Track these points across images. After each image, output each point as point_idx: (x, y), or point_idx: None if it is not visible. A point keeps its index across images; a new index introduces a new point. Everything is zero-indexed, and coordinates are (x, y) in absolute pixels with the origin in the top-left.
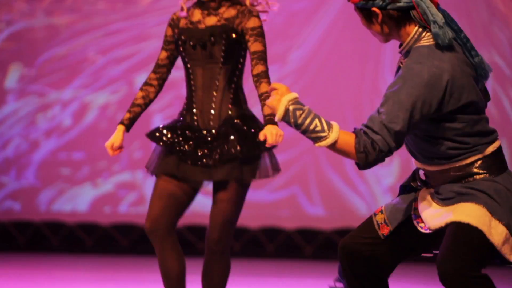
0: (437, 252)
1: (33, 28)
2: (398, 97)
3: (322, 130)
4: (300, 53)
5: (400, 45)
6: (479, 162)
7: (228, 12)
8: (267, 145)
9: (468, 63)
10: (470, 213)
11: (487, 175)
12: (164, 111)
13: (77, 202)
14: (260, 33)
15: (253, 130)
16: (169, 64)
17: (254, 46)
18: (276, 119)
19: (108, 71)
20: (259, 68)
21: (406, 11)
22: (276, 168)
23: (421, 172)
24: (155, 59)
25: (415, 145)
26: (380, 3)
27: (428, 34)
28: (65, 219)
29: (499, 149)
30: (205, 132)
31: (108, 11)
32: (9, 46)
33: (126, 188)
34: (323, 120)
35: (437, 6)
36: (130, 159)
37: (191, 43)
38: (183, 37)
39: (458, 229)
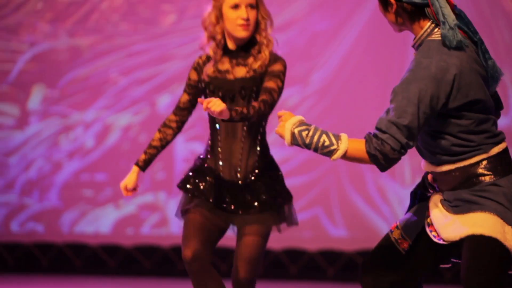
0: (455, 260)
1: (56, 50)
2: (407, 92)
3: (331, 144)
4: (322, 74)
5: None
6: (484, 163)
7: (256, 62)
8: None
9: (479, 63)
10: (482, 223)
11: (493, 176)
12: (187, 132)
13: (100, 223)
14: (277, 75)
15: (276, 189)
16: (191, 107)
17: (266, 83)
18: (287, 144)
19: (131, 92)
20: (262, 97)
21: (421, 7)
22: (294, 222)
23: (430, 176)
24: (177, 80)
25: (421, 139)
26: None
27: (439, 29)
28: (87, 241)
29: (505, 151)
30: (232, 183)
31: (130, 32)
32: (32, 68)
33: (148, 210)
34: (330, 134)
35: (453, 7)
36: (152, 181)
37: (220, 93)
38: (211, 87)
39: (473, 242)
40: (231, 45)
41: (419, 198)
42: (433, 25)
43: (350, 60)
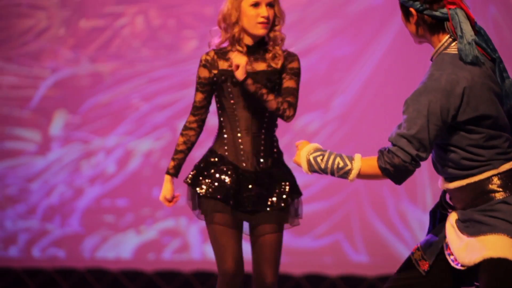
0: (477, 284)
1: (78, 75)
2: (418, 104)
3: (345, 165)
4: (343, 99)
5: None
6: (494, 179)
7: (273, 58)
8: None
9: (494, 80)
10: (492, 246)
11: (503, 193)
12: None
13: (121, 249)
14: (297, 73)
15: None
16: (207, 104)
17: (287, 82)
18: (305, 172)
19: (152, 117)
20: (286, 97)
21: (441, 20)
22: (301, 216)
23: (447, 196)
24: None
25: (434, 152)
26: (418, 5)
27: (456, 44)
28: (109, 266)
29: None
30: (253, 175)
31: (151, 58)
32: (54, 94)
33: (169, 235)
34: (344, 156)
35: (474, 23)
36: (173, 206)
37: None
38: (233, 80)
39: (487, 266)
40: (247, 40)
41: (439, 218)
42: (450, 39)
43: (371, 85)
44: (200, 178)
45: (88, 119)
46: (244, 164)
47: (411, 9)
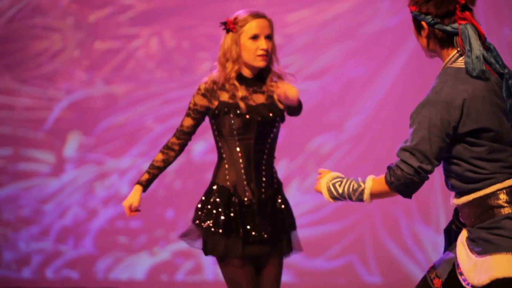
0: None
1: (92, 97)
2: (420, 117)
3: (359, 186)
4: (356, 120)
5: None
6: (500, 194)
7: (271, 88)
8: (288, 101)
9: (499, 95)
10: (498, 265)
11: (509, 209)
12: None
13: (134, 270)
14: (299, 106)
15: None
16: (193, 131)
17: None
18: (327, 199)
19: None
20: None
21: (451, 35)
22: (300, 248)
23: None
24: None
25: (441, 165)
26: (430, 20)
27: (463, 58)
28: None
29: None
30: (255, 206)
31: (165, 80)
32: (68, 115)
33: (183, 257)
34: (358, 179)
35: (484, 39)
36: (186, 228)
37: (248, 117)
38: (237, 111)
39: (496, 287)
40: (246, 73)
41: (454, 236)
42: (458, 53)
43: (385, 107)
44: (208, 214)
45: (102, 141)
46: (247, 194)
47: (423, 23)
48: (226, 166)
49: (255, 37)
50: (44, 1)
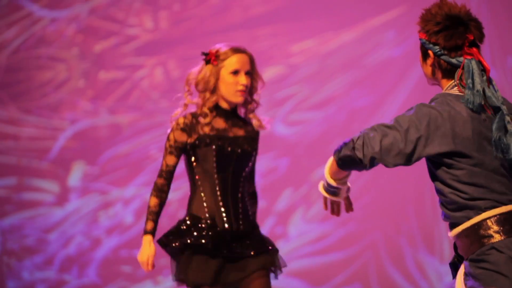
0: None
1: (97, 127)
2: (399, 117)
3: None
4: None
5: None
6: (486, 224)
7: (248, 125)
8: None
9: (487, 126)
10: None
11: (494, 238)
12: None
13: None
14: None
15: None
16: (175, 169)
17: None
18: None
19: None
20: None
21: (455, 67)
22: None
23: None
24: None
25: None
26: (437, 50)
27: (458, 88)
28: None
29: (509, 214)
30: (234, 235)
31: (170, 109)
32: (73, 145)
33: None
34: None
35: (488, 74)
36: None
37: (229, 149)
38: (218, 143)
39: None
40: (224, 105)
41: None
42: (454, 83)
43: None
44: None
45: (107, 170)
46: (226, 226)
47: (430, 52)
48: (203, 197)
49: (235, 72)
50: (49, 32)
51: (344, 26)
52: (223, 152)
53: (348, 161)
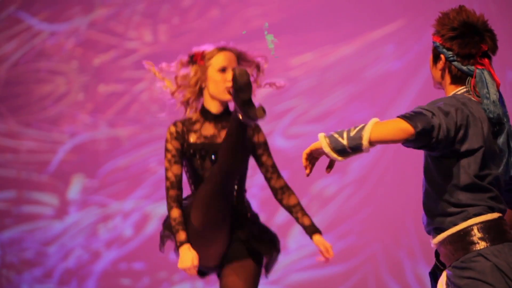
0: None
1: (96, 140)
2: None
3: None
4: (360, 163)
5: None
6: (472, 230)
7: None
8: (324, 260)
9: (491, 139)
10: None
11: (479, 245)
12: None
13: None
14: (268, 147)
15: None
16: (183, 176)
17: (268, 160)
18: (326, 150)
19: None
20: (281, 181)
21: (465, 74)
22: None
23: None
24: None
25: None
26: (449, 55)
27: (468, 94)
28: None
29: (497, 220)
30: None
31: (169, 122)
32: (72, 158)
33: None
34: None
35: (499, 87)
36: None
37: (214, 157)
38: (202, 152)
39: None
40: (214, 109)
41: (439, 278)
42: (465, 89)
43: (388, 149)
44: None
45: (106, 183)
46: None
47: (442, 56)
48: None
49: (223, 70)
50: (49, 45)
51: (344, 39)
52: (210, 161)
53: (426, 132)
